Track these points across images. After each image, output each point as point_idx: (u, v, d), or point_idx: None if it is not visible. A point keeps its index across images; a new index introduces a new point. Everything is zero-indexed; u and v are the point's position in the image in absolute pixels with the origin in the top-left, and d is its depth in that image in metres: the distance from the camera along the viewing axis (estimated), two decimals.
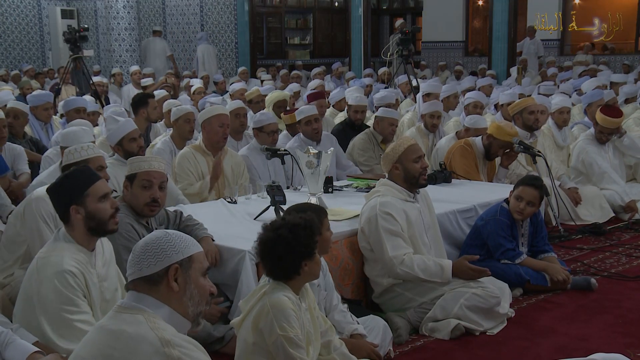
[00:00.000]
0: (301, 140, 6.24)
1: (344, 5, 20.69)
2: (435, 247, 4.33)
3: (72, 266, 2.99)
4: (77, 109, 6.84)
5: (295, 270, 2.84)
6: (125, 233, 3.67)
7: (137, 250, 2.25)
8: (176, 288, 2.22)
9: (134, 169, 3.81)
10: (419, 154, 4.20)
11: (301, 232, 2.83)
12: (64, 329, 2.94)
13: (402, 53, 10.93)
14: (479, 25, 19.84)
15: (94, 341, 2.17)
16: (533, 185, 4.60)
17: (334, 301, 3.56)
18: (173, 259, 2.23)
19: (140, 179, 3.78)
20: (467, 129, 6.44)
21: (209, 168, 5.44)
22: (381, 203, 4.10)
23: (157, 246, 2.23)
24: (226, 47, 18.32)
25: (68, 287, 2.96)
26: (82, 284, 3.02)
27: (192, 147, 5.55)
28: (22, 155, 5.97)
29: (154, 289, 2.21)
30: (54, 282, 2.95)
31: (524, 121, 6.62)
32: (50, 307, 2.96)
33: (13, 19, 17.97)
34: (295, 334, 2.75)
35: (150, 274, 2.21)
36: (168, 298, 2.22)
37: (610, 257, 5.40)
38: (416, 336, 3.98)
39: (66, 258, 3.00)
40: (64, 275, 2.96)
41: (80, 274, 3.01)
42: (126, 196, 3.85)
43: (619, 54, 17.73)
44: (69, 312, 2.95)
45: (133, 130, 4.92)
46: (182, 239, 2.28)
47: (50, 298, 2.96)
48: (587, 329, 4.06)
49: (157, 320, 2.15)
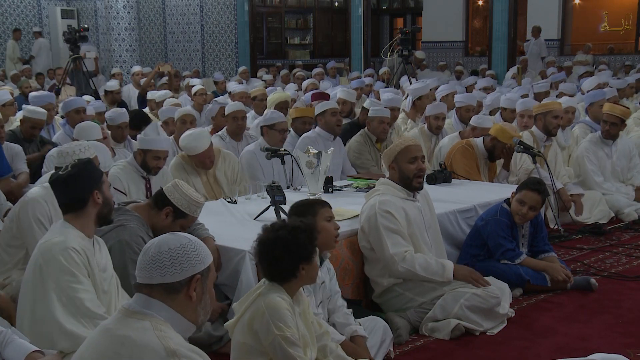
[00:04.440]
0: (317, 133, 6.31)
1: (344, 5, 20.71)
2: (435, 246, 4.33)
3: (76, 244, 3.05)
4: (77, 110, 6.82)
5: (292, 272, 2.83)
6: (136, 246, 3.55)
7: (158, 254, 2.16)
8: (194, 298, 2.17)
9: (190, 211, 3.69)
10: (414, 155, 4.16)
11: (301, 234, 2.83)
12: (72, 307, 2.98)
13: (402, 53, 10.93)
14: (479, 25, 19.85)
15: (98, 344, 2.15)
16: (537, 190, 4.59)
17: (339, 303, 3.56)
18: (197, 268, 2.17)
19: (187, 222, 3.74)
20: (474, 128, 6.42)
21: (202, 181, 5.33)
22: (380, 202, 4.09)
23: (182, 254, 2.15)
24: (226, 47, 18.33)
25: (72, 263, 3.01)
26: (86, 262, 3.07)
27: (181, 159, 5.37)
28: (21, 154, 5.96)
29: (171, 297, 2.16)
30: (59, 259, 3.01)
31: (546, 124, 6.48)
32: (57, 282, 3.00)
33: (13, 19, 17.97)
34: (291, 333, 2.75)
35: (172, 282, 2.15)
36: (183, 307, 2.17)
37: (610, 257, 5.40)
38: (416, 336, 3.98)
39: (70, 237, 3.07)
40: (68, 251, 3.01)
41: (84, 252, 3.07)
42: (154, 217, 3.72)
43: (619, 54, 17.73)
44: (76, 291, 3.00)
45: (163, 150, 4.85)
46: (203, 247, 2.23)
47: (56, 274, 3.00)
48: (587, 329, 4.06)
49: (164, 327, 2.11)
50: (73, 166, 3.15)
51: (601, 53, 17.46)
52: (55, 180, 3.17)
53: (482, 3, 19.43)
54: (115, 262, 3.40)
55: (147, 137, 4.83)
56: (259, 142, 5.85)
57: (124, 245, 3.57)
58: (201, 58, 18.57)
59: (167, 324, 2.13)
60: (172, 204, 3.66)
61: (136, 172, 4.85)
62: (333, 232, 3.48)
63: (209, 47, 18.49)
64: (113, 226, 3.51)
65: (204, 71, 18.11)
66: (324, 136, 6.28)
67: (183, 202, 3.66)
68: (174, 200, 3.66)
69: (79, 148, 4.00)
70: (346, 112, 8.18)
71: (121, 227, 3.60)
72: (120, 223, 3.60)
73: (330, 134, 6.32)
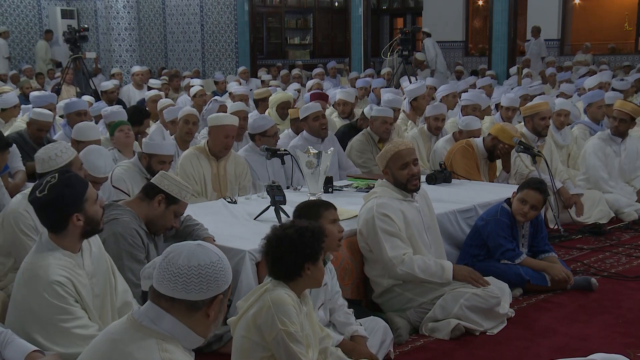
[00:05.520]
0: (304, 138, 6.22)
1: (344, 5, 20.70)
2: (435, 246, 4.33)
3: (59, 275, 2.94)
4: (78, 112, 6.80)
5: (297, 271, 2.84)
6: (130, 238, 3.62)
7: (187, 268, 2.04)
8: (212, 317, 2.09)
9: (182, 197, 3.74)
10: (405, 161, 4.12)
11: (307, 234, 2.84)
12: (59, 338, 2.91)
13: (402, 53, 10.93)
14: (479, 25, 19.86)
15: (102, 353, 2.08)
16: (538, 189, 4.59)
17: (339, 302, 3.57)
18: (221, 288, 2.08)
19: (180, 207, 3.77)
20: (461, 132, 6.43)
21: (212, 172, 5.40)
22: (378, 204, 4.09)
23: (211, 273, 2.05)
24: (226, 47, 18.33)
25: (58, 297, 2.92)
26: (72, 291, 2.97)
27: (196, 149, 5.49)
28: (16, 152, 5.93)
29: (189, 313, 2.06)
30: (44, 296, 2.91)
31: (535, 126, 6.50)
32: (44, 320, 2.92)
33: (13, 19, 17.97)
34: (295, 329, 2.75)
35: (196, 300, 2.05)
36: (197, 323, 2.08)
37: (610, 257, 5.40)
38: (416, 336, 3.98)
39: (52, 267, 2.94)
40: (52, 287, 2.92)
41: (69, 281, 2.96)
42: (146, 208, 3.74)
43: (619, 54, 17.73)
44: (64, 322, 2.92)
45: (168, 155, 4.84)
46: (228, 265, 2.13)
47: (42, 312, 2.92)
48: (587, 329, 4.06)
49: (170, 346, 2.02)
50: (50, 188, 2.97)
51: (601, 53, 17.46)
52: (32, 201, 3.05)
53: (482, 3, 19.44)
54: (110, 254, 3.39)
55: (152, 142, 4.80)
56: (250, 146, 5.84)
57: (118, 237, 3.59)
58: (201, 58, 18.57)
59: (175, 341, 2.05)
60: (163, 191, 3.71)
61: (140, 174, 4.85)
62: (337, 234, 3.48)
63: (209, 47, 18.50)
64: (106, 220, 3.51)
65: (204, 71, 18.12)
66: (312, 140, 6.16)
67: (174, 188, 3.72)
68: (165, 187, 3.71)
69: (54, 152, 3.92)
70: (347, 113, 8.20)
71: (114, 220, 3.64)
72: (113, 217, 3.64)
73: (317, 137, 6.22)
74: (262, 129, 5.72)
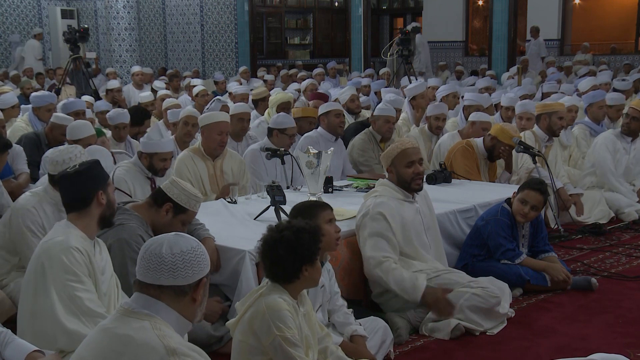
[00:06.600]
0: (319, 134, 6.35)
1: (344, 5, 20.72)
2: (434, 247, 4.33)
3: (78, 243, 3.06)
4: (76, 112, 6.81)
5: (295, 274, 2.82)
6: (135, 245, 3.56)
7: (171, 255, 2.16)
8: (198, 300, 2.21)
9: (190, 206, 3.69)
10: (411, 159, 4.14)
11: (305, 235, 2.82)
12: (70, 303, 2.99)
13: (402, 53, 10.93)
14: (479, 25, 19.86)
15: (98, 343, 2.16)
16: (539, 190, 4.59)
17: (339, 302, 3.56)
18: (204, 272, 2.21)
19: (188, 217, 3.74)
20: (473, 123, 6.42)
21: (208, 173, 5.40)
22: (376, 203, 4.09)
23: (194, 257, 2.18)
24: (226, 47, 18.34)
25: (74, 262, 3.02)
26: (88, 262, 3.07)
27: (191, 151, 5.46)
28: (21, 154, 5.93)
29: (177, 298, 2.17)
30: (61, 257, 3.01)
31: (551, 124, 6.44)
32: (58, 280, 3.00)
33: (13, 19, 17.98)
34: (292, 334, 2.74)
35: (182, 285, 2.17)
36: (184, 308, 2.19)
37: (610, 257, 5.40)
38: (416, 336, 3.98)
39: (72, 236, 3.08)
40: (70, 251, 3.02)
41: (86, 252, 3.08)
42: (154, 214, 3.71)
43: (619, 54, 17.73)
44: (75, 289, 3.00)
45: (168, 152, 4.83)
46: (205, 250, 2.26)
47: (58, 272, 3.01)
48: (587, 329, 4.06)
49: (163, 326, 2.13)
50: (81, 164, 3.19)
51: (602, 53, 17.46)
52: (62, 177, 3.20)
53: (482, 3, 19.44)
54: (115, 260, 3.40)
55: (151, 141, 4.77)
56: (261, 143, 5.84)
57: (124, 243, 3.57)
58: (201, 58, 18.59)
59: (167, 324, 2.14)
60: (171, 200, 3.67)
61: (141, 173, 4.84)
62: (334, 234, 3.47)
63: (209, 47, 18.50)
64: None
65: (204, 71, 18.12)
66: (326, 137, 6.30)
67: (182, 198, 3.66)
68: (174, 196, 3.66)
69: (69, 156, 3.82)
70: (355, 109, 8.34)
71: (120, 226, 3.60)
72: (119, 222, 3.59)
73: (332, 134, 6.33)
74: (282, 125, 5.71)
